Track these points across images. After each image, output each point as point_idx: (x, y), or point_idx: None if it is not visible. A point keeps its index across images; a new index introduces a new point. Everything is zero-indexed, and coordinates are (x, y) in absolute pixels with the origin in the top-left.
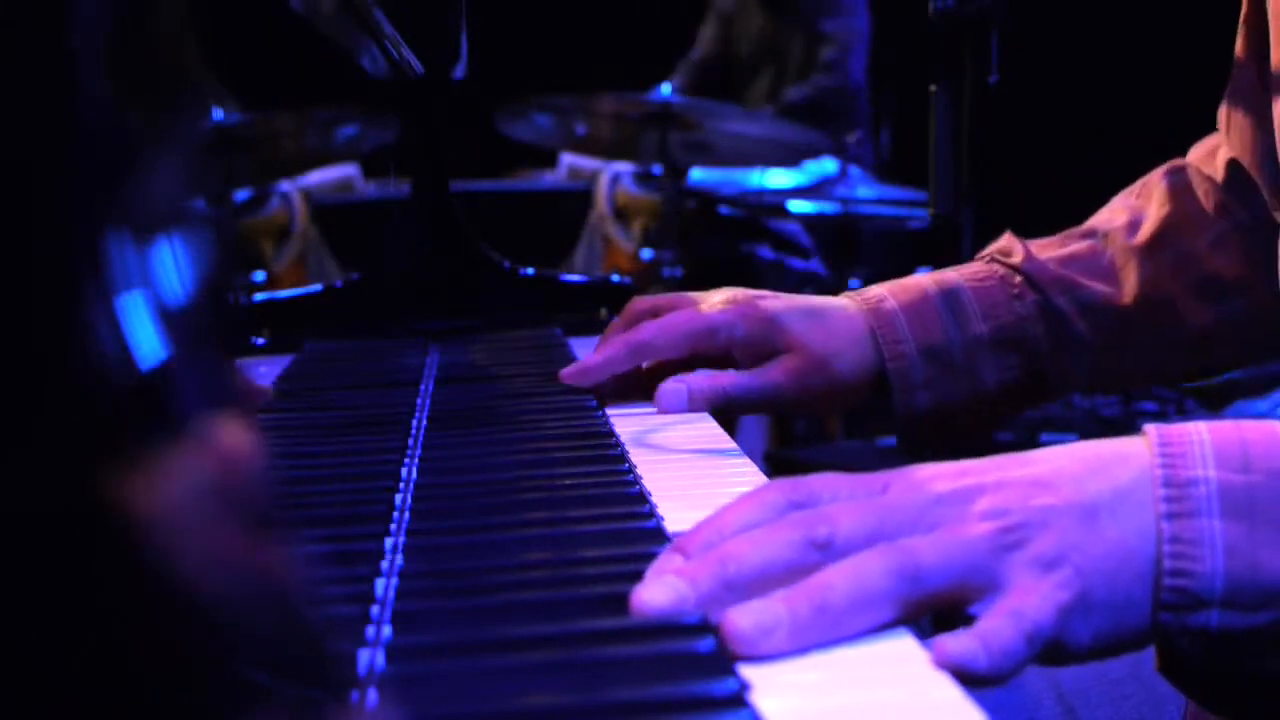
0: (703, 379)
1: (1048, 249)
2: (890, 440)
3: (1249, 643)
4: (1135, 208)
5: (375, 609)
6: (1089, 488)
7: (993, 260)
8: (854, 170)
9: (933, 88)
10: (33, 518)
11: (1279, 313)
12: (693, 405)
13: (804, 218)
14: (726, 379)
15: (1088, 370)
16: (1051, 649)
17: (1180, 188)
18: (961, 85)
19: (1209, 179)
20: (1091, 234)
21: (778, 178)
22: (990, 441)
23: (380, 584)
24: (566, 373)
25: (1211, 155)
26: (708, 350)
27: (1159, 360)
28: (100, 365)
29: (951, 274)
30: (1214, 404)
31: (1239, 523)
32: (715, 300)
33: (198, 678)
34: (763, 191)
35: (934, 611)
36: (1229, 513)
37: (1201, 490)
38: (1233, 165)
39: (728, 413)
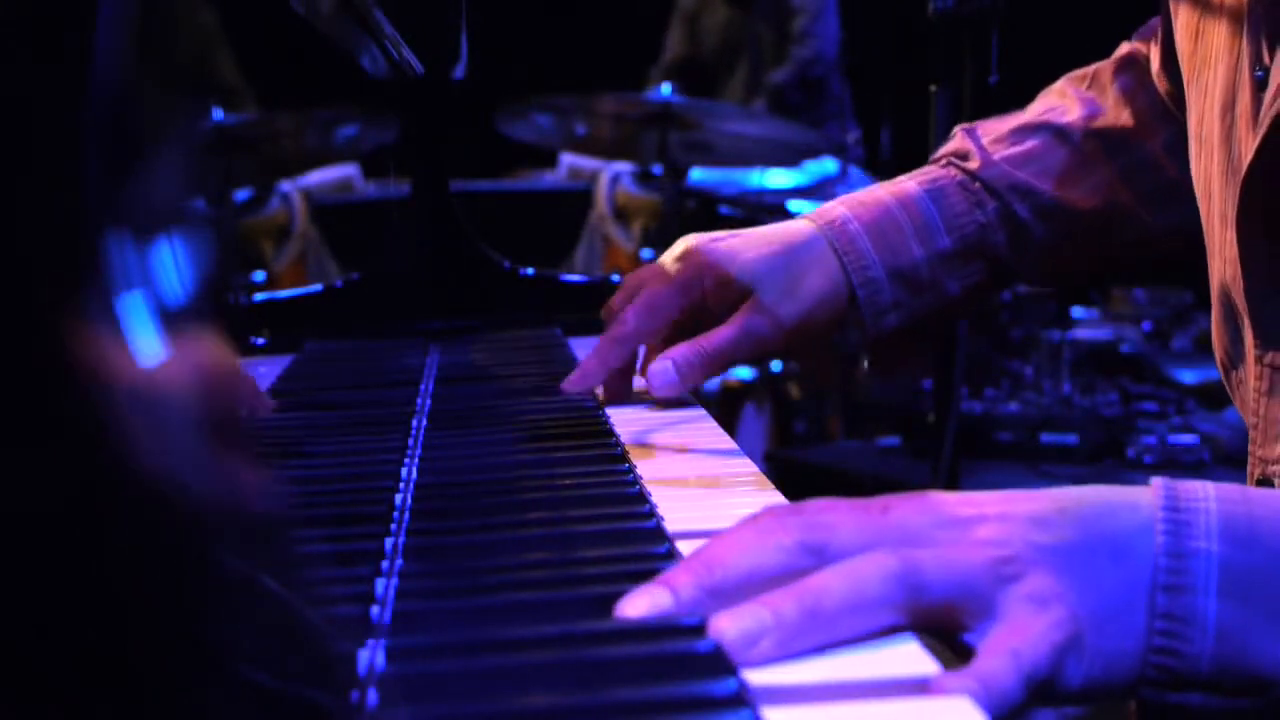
0: (683, 349)
1: (1000, 145)
2: (890, 440)
3: None
4: (1088, 100)
5: (375, 609)
6: (1092, 532)
7: (949, 163)
8: (854, 170)
9: (933, 88)
10: (33, 517)
11: None
12: (681, 375)
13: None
14: (705, 340)
15: (1044, 267)
16: (1043, 689)
17: (1134, 87)
18: (961, 85)
19: (1160, 74)
20: (1044, 127)
21: (778, 178)
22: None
23: (380, 584)
24: (567, 383)
25: (1150, 57)
26: (686, 313)
27: (1110, 258)
28: (100, 365)
29: (910, 183)
30: (1214, 404)
31: (1235, 604)
32: (675, 255)
33: (199, 678)
34: (763, 191)
35: (926, 628)
36: (1226, 592)
37: (1201, 565)
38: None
39: (719, 370)
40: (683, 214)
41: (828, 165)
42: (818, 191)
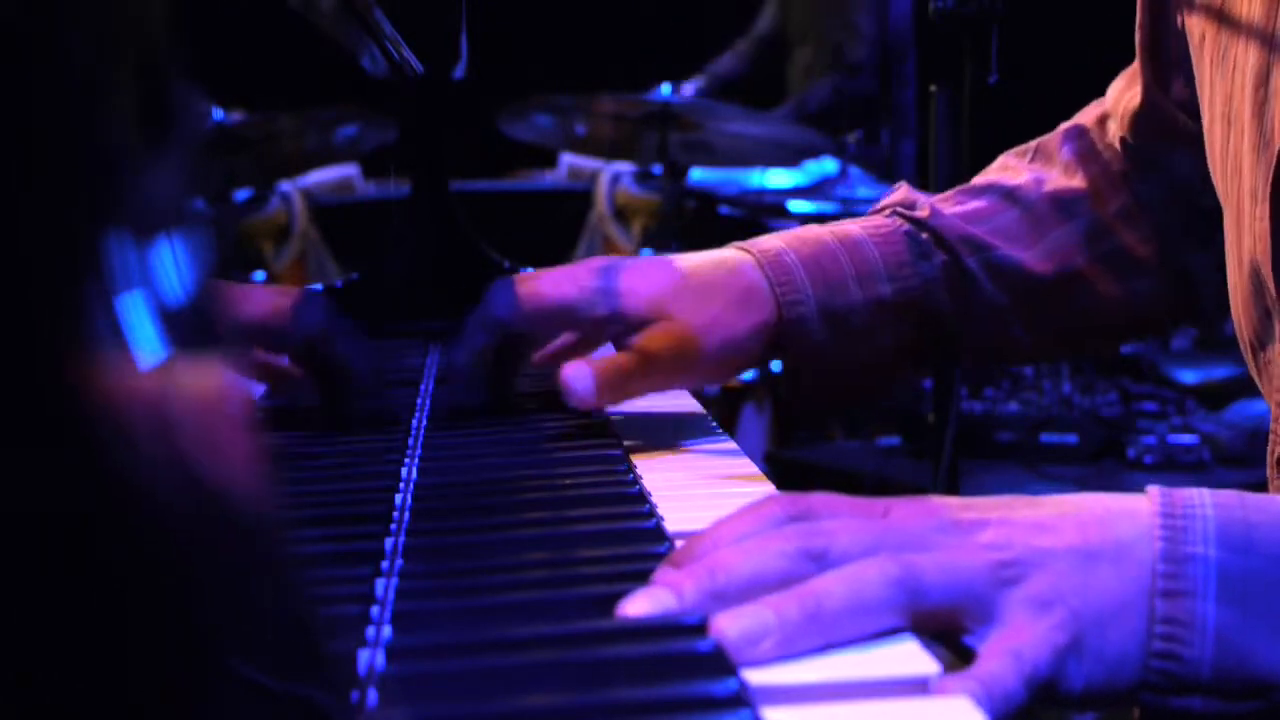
0: (604, 359)
1: (946, 203)
2: (891, 440)
3: None
4: (1034, 169)
5: (375, 609)
6: (1091, 535)
7: (895, 213)
8: (854, 170)
9: (933, 88)
10: (33, 518)
11: (1180, 294)
12: (595, 382)
13: (804, 218)
14: (621, 356)
15: (989, 337)
16: (1044, 692)
17: (1085, 153)
18: (961, 85)
19: (1110, 145)
20: (992, 188)
21: (778, 178)
22: (879, 405)
23: (380, 584)
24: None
25: (1102, 124)
26: (569, 326)
27: (1063, 331)
28: (100, 365)
29: (852, 226)
30: (1214, 404)
31: (1234, 609)
32: (576, 274)
33: (198, 679)
34: (763, 191)
35: (926, 631)
36: (1225, 597)
37: (1199, 570)
38: (1126, 137)
39: (629, 391)
40: (683, 214)
41: (828, 165)
42: (818, 191)
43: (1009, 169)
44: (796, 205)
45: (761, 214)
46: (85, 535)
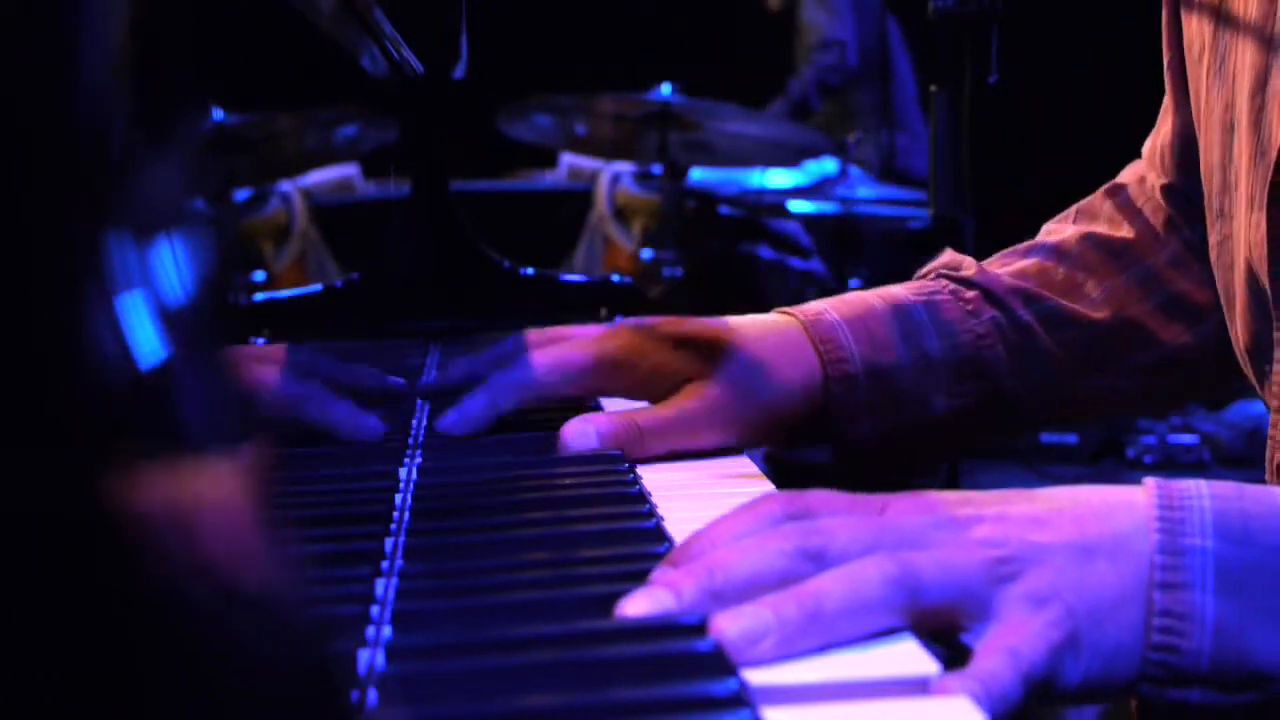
0: (608, 419)
1: (993, 264)
2: None
3: (1229, 718)
4: (1079, 227)
5: (375, 609)
6: (1088, 530)
7: (939, 275)
8: (854, 170)
9: (933, 88)
10: (33, 518)
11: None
12: (602, 445)
13: (804, 218)
14: (638, 416)
15: (1049, 394)
16: (1042, 688)
17: (1127, 205)
18: (961, 85)
19: (1151, 197)
20: (1038, 248)
21: (778, 178)
22: (937, 470)
23: (380, 584)
24: (443, 423)
25: (1141, 182)
26: (610, 386)
27: (1125, 385)
28: (100, 365)
29: (898, 289)
30: (1214, 404)
31: (1231, 600)
32: (616, 330)
33: (196, 679)
34: (763, 191)
35: (924, 629)
36: (1223, 588)
37: (1196, 561)
38: (1167, 183)
39: (646, 450)
40: (683, 214)
41: (828, 165)
42: (818, 191)
43: (1051, 232)
44: (796, 205)
45: (761, 214)
46: (84, 540)
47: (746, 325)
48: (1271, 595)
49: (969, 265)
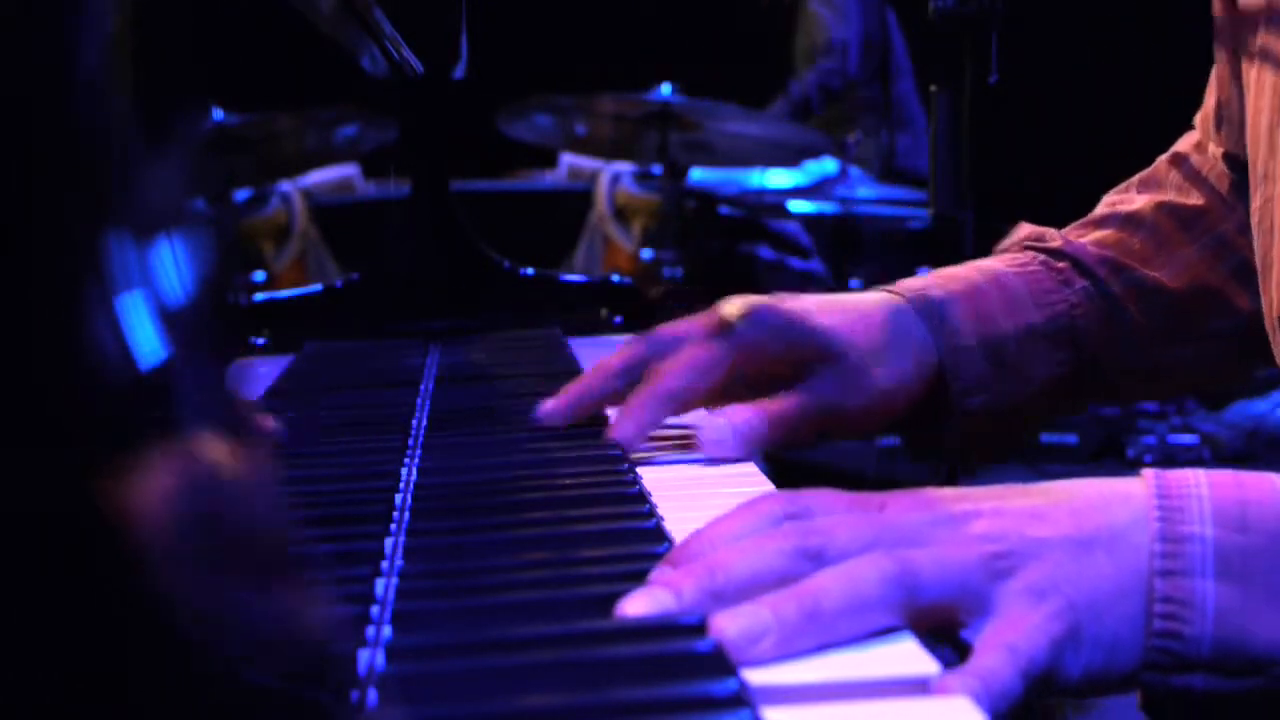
0: (743, 410)
1: (1073, 234)
2: (891, 440)
3: (1233, 704)
4: (1147, 195)
5: (375, 609)
6: (1086, 523)
7: (1026, 247)
8: (854, 170)
9: (933, 88)
10: (32, 517)
11: None
12: (739, 440)
13: (804, 218)
14: (772, 405)
15: (1135, 363)
16: (1042, 682)
17: (1194, 174)
18: (961, 85)
19: (1215, 165)
20: (1111, 218)
21: (778, 178)
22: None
23: (380, 584)
24: (612, 434)
25: (1200, 149)
26: (732, 379)
27: (1205, 352)
28: (100, 365)
29: (991, 262)
30: (1214, 404)
31: (1232, 586)
32: (728, 313)
33: (197, 679)
34: (763, 191)
35: (923, 627)
36: (1223, 574)
37: (1196, 549)
38: (1226, 150)
39: (781, 442)
40: (683, 214)
41: (828, 165)
42: (818, 191)
43: (1119, 202)
44: (796, 205)
45: (761, 214)
46: (86, 535)
47: (857, 305)
48: (1272, 581)
49: (1053, 236)
